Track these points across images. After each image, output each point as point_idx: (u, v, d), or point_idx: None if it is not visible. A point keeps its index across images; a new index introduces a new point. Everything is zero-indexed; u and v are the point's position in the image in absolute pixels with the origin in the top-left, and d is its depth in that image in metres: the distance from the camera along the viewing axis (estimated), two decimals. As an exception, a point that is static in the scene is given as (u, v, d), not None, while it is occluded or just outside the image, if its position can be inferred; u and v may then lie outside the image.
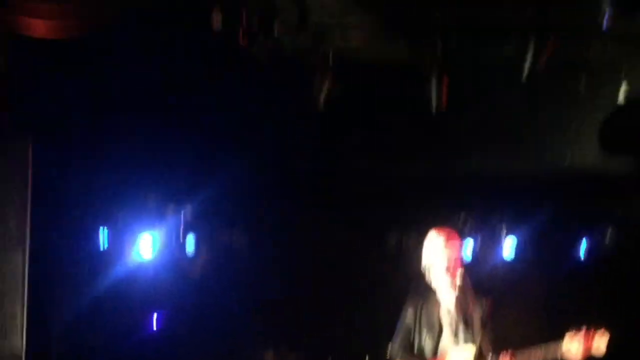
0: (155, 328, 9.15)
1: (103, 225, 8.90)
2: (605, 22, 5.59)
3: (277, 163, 7.93)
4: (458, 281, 6.45)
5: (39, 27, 6.03)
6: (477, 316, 6.36)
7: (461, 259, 6.75)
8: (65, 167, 7.87)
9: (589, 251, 9.82)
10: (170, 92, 7.30)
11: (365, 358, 7.07)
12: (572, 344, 6.27)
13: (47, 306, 8.39)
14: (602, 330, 6.24)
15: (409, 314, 6.84)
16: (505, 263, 9.88)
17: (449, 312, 6.77)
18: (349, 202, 9.08)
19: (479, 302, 6.45)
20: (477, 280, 6.94)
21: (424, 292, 6.91)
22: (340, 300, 9.88)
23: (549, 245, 9.79)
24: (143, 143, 7.74)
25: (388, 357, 6.86)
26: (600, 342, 6.27)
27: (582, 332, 6.28)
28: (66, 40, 6.29)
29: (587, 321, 9.21)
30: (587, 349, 6.24)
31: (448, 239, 6.80)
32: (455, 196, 9.18)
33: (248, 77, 6.98)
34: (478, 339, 6.66)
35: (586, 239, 9.76)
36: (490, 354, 6.11)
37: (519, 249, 9.71)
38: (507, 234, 9.70)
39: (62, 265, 8.57)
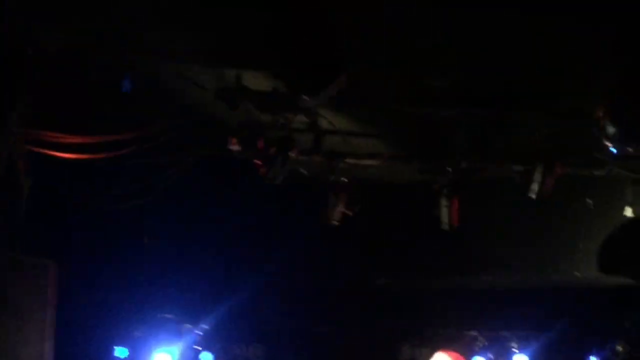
0: None
1: (122, 344, 9.03)
2: (610, 148, 5.75)
3: (293, 280, 8.04)
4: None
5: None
6: None
7: None
8: (85, 287, 8.00)
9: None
10: (188, 215, 7.50)
11: None
12: None
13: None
14: None
15: None
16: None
17: None
18: (364, 316, 9.17)
19: None
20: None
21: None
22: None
23: (558, 358, 9.82)
24: (159, 264, 7.91)
25: None
26: None
27: None
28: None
29: None
30: None
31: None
32: (466, 312, 9.27)
33: (264, 198, 7.17)
34: None
35: (595, 352, 9.79)
36: None
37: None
38: (518, 349, 9.74)
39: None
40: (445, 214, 7.07)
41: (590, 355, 9.82)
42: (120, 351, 8.95)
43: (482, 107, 6.38)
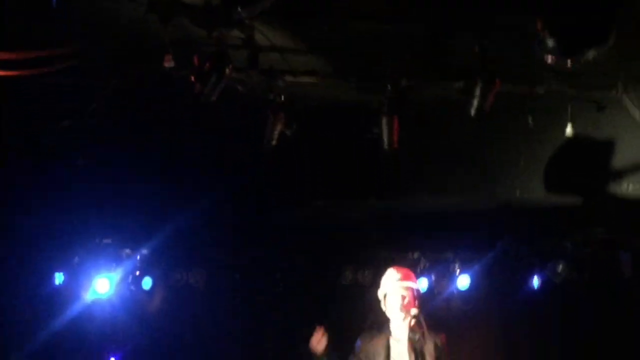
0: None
1: (59, 268, 8.91)
2: (550, 61, 5.69)
3: (231, 203, 7.94)
4: (411, 318, 6.58)
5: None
6: (429, 353, 6.47)
7: (415, 298, 6.88)
8: (21, 210, 7.82)
9: (540, 284, 9.95)
10: (123, 136, 7.32)
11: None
12: None
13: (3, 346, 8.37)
14: None
15: (361, 350, 6.95)
16: (459, 297, 9.97)
17: (400, 347, 6.87)
18: (303, 241, 9.13)
19: (433, 339, 6.54)
20: (432, 315, 7.07)
21: (378, 325, 7.03)
22: (299, 337, 9.89)
23: (501, 280, 9.91)
24: (96, 188, 7.73)
25: None
26: None
27: None
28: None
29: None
30: None
31: (404, 278, 6.96)
32: (408, 234, 9.27)
33: (200, 118, 7.02)
34: None
35: (537, 272, 9.89)
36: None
37: (472, 285, 9.81)
38: (460, 270, 9.80)
39: (18, 306, 8.55)
40: (386, 133, 7.00)
41: (531, 275, 9.93)
42: (58, 277, 8.85)
43: (421, 23, 6.29)
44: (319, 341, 6.92)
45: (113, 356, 9.23)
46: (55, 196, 7.73)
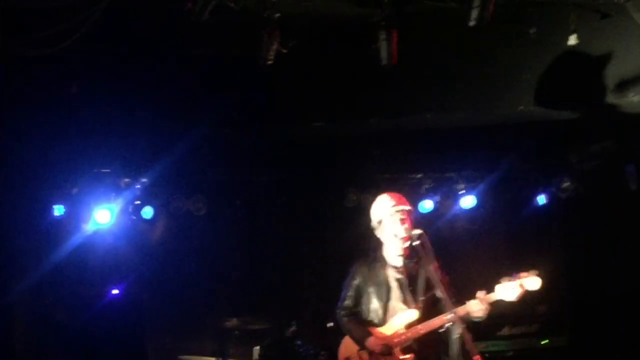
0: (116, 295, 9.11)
1: (59, 200, 8.83)
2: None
3: (229, 127, 7.80)
4: (414, 240, 6.44)
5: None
6: (424, 278, 6.34)
7: (412, 221, 6.76)
8: (20, 141, 7.70)
9: (545, 201, 9.86)
10: (120, 62, 7.15)
11: (327, 324, 7.03)
12: (505, 290, 6.34)
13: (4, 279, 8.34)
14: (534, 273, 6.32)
15: (356, 276, 6.85)
16: (464, 217, 9.91)
17: (396, 273, 6.78)
18: (305, 160, 9.02)
19: (428, 264, 6.34)
20: (437, 236, 6.97)
21: (374, 253, 6.92)
22: (303, 264, 9.87)
23: (506, 198, 9.83)
24: (93, 116, 7.58)
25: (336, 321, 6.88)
26: (533, 281, 6.34)
27: (513, 277, 6.35)
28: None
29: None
30: (520, 290, 6.32)
31: (400, 202, 6.82)
32: (411, 154, 9.15)
33: (195, 40, 6.86)
34: (422, 301, 6.70)
35: (542, 188, 9.80)
36: (452, 314, 6.11)
37: (477, 204, 9.73)
38: (465, 189, 9.71)
39: (18, 238, 8.49)
40: (385, 48, 6.83)
41: (537, 192, 9.84)
42: (57, 209, 8.78)
43: None
44: None
45: (115, 288, 9.20)
46: (52, 127, 7.59)
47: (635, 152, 9.09)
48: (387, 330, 6.68)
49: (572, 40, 7.12)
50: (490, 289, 6.29)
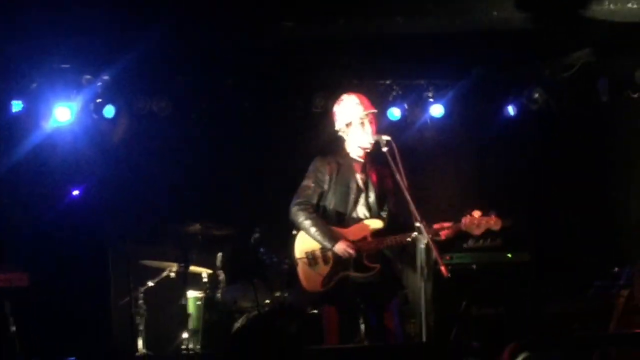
0: (76, 196, 8.92)
1: (17, 95, 8.57)
2: None
3: (197, 22, 7.55)
4: (384, 144, 6.31)
5: None
6: (402, 185, 6.17)
7: (376, 126, 6.62)
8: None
9: (516, 111, 9.76)
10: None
11: (292, 231, 6.89)
12: (472, 226, 6.28)
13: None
14: (494, 217, 6.30)
15: (321, 172, 6.67)
16: (433, 126, 9.79)
17: (364, 178, 6.65)
18: (272, 61, 8.81)
19: (402, 173, 6.21)
20: (405, 144, 6.82)
21: (339, 153, 6.77)
22: (268, 170, 9.73)
23: (476, 108, 9.71)
24: (57, 11, 7.28)
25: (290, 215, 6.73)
26: (495, 223, 6.29)
27: (477, 217, 6.30)
28: None
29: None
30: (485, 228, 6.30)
31: (369, 105, 6.69)
32: (380, 59, 8.96)
33: None
34: (386, 211, 6.61)
35: (513, 99, 9.68)
36: (420, 223, 6.01)
37: (446, 113, 9.60)
38: (434, 98, 9.56)
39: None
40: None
41: (507, 103, 9.73)
42: (16, 105, 8.52)
43: None
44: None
45: (76, 188, 9.01)
46: (10, 18, 7.30)
47: (608, 64, 8.99)
48: (352, 235, 6.57)
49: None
50: (453, 205, 6.26)
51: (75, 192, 8.92)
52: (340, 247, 6.43)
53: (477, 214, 6.31)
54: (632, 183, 9.60)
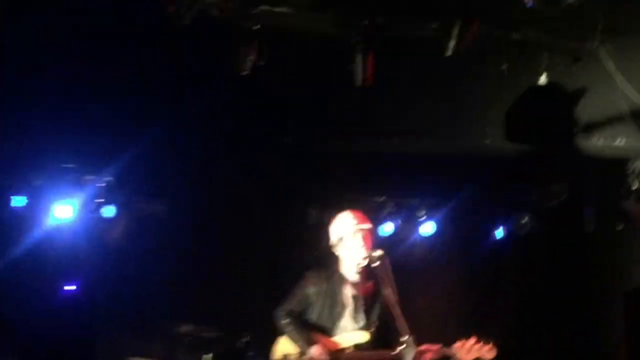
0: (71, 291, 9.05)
1: (20, 191, 8.77)
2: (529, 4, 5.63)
3: (199, 131, 7.82)
4: (374, 260, 6.47)
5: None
6: (390, 300, 6.31)
7: (372, 243, 6.80)
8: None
9: (503, 235, 9.98)
10: (89, 57, 7.11)
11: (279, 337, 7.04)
12: (462, 351, 6.44)
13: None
14: (490, 346, 6.41)
15: (310, 284, 6.86)
16: (423, 243, 9.99)
17: (353, 293, 6.82)
18: (270, 174, 9.06)
19: (387, 285, 6.36)
20: (396, 260, 7.00)
21: (331, 268, 6.95)
22: (261, 277, 9.88)
23: (465, 228, 9.94)
24: (62, 111, 7.55)
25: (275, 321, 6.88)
26: (489, 352, 6.43)
27: (470, 343, 6.43)
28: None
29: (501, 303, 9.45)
30: (477, 355, 6.43)
31: (362, 220, 6.88)
32: (375, 176, 9.22)
33: (172, 41, 6.87)
34: (375, 325, 6.74)
35: (501, 222, 9.92)
36: (407, 337, 6.12)
37: (437, 231, 9.83)
38: (426, 215, 9.80)
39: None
40: (360, 69, 6.90)
41: (495, 225, 9.96)
42: (18, 200, 8.71)
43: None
44: None
45: (72, 284, 9.16)
46: (17, 118, 7.55)
47: (595, 195, 9.26)
48: (333, 343, 6.70)
49: (542, 79, 7.24)
50: (439, 322, 6.39)
51: (71, 288, 9.06)
52: (314, 351, 6.58)
53: (472, 340, 6.45)
54: (612, 308, 9.77)
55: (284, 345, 6.84)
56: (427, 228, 9.80)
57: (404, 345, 6.09)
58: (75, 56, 6.99)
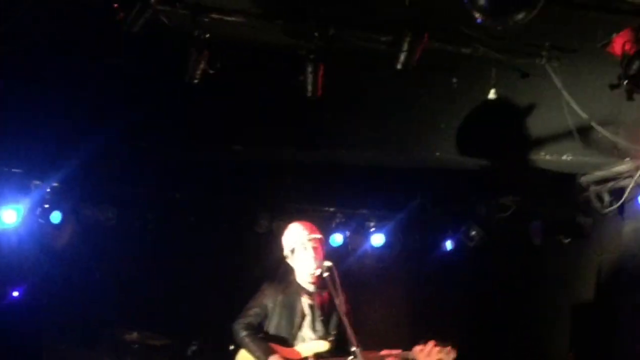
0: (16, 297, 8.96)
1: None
2: (479, 20, 5.66)
3: (148, 137, 7.78)
4: (324, 270, 6.48)
5: None
6: (341, 311, 6.31)
7: (324, 250, 6.83)
8: None
9: (452, 246, 10.05)
10: (36, 60, 7.04)
11: (229, 346, 7.02)
12: (422, 354, 6.48)
13: None
14: (449, 348, 6.46)
15: (267, 296, 6.86)
16: (373, 254, 10.03)
17: (310, 302, 6.83)
18: (220, 181, 9.04)
19: (339, 294, 6.40)
20: (346, 271, 7.04)
21: (286, 279, 6.96)
22: (209, 285, 9.86)
23: (414, 239, 9.99)
24: (7, 115, 7.47)
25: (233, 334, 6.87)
26: (448, 354, 6.48)
27: (430, 347, 6.48)
28: None
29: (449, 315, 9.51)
30: (437, 358, 6.47)
31: (312, 230, 6.91)
32: (325, 187, 9.24)
33: (121, 48, 6.82)
34: (333, 334, 6.76)
35: (450, 234, 9.99)
36: (356, 348, 6.11)
37: (386, 242, 9.87)
38: (375, 227, 9.83)
39: None
40: (310, 80, 6.90)
41: (444, 237, 10.03)
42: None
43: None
44: None
45: (16, 289, 9.06)
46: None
47: (541, 208, 9.35)
48: (293, 353, 6.71)
49: (492, 94, 7.28)
50: (394, 330, 6.42)
51: (15, 294, 8.96)
52: None
53: (431, 343, 6.50)
54: (558, 320, 9.87)
55: (244, 358, 6.83)
56: (377, 239, 9.82)
57: (352, 357, 6.14)
58: (23, 60, 6.93)
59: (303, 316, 6.82)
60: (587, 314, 9.20)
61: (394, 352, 6.55)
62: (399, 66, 6.61)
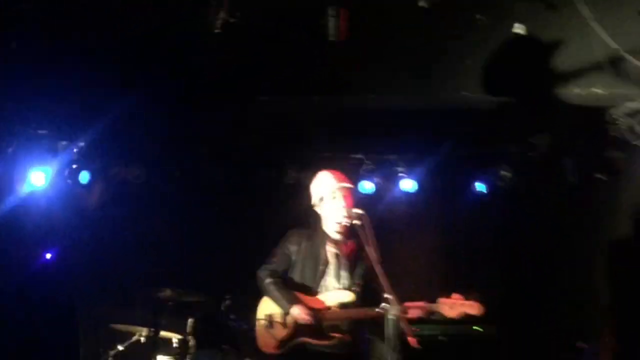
0: (49, 259, 8.98)
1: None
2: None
3: (172, 95, 7.71)
4: (355, 218, 6.39)
5: None
6: (373, 259, 6.21)
7: (353, 200, 6.75)
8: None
9: (484, 188, 9.93)
10: (61, 22, 6.98)
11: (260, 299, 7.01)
12: (445, 307, 6.40)
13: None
14: (473, 301, 6.40)
15: (291, 242, 6.82)
16: (403, 200, 9.94)
17: (334, 251, 6.77)
18: (244, 136, 8.98)
19: (374, 246, 6.27)
20: (376, 218, 6.94)
21: (312, 226, 6.91)
22: (240, 239, 9.83)
23: (445, 183, 9.88)
24: (34, 77, 7.42)
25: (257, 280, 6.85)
26: (472, 308, 6.40)
27: (454, 299, 6.39)
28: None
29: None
30: (461, 311, 6.38)
31: (342, 179, 6.83)
32: (352, 134, 9.14)
33: (143, 4, 6.76)
34: (358, 285, 6.69)
35: (481, 175, 9.87)
36: (390, 295, 6.03)
37: (417, 187, 9.77)
38: (405, 172, 9.73)
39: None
40: (333, 24, 6.80)
41: (475, 180, 9.90)
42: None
43: None
44: None
45: (49, 252, 9.08)
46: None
47: (574, 146, 9.19)
48: (317, 302, 6.66)
49: (518, 29, 7.15)
50: (423, 279, 6.34)
51: (48, 256, 8.98)
52: (296, 311, 6.56)
53: (456, 296, 6.42)
54: (597, 260, 9.73)
55: (268, 305, 6.80)
56: (407, 184, 9.72)
57: (387, 303, 6.03)
58: (48, 23, 6.89)
59: (327, 264, 6.77)
60: (626, 253, 9.06)
61: (418, 304, 6.48)
62: (421, 3, 6.52)
